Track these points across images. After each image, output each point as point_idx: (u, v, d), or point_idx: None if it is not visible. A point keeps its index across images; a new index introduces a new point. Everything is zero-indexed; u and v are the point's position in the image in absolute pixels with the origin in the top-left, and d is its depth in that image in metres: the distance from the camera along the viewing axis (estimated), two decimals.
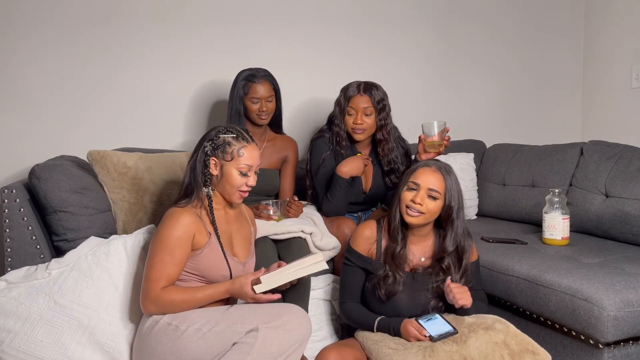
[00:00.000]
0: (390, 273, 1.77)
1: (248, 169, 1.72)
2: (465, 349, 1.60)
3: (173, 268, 1.63)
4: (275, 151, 2.42)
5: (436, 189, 1.73)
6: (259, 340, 1.51)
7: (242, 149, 1.71)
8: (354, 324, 1.85)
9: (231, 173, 1.70)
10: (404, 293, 1.78)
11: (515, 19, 3.45)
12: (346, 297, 1.87)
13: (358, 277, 1.85)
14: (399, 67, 3.19)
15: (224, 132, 1.72)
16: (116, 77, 2.69)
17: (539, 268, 1.95)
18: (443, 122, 2.10)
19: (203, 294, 1.65)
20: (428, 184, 1.73)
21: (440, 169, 1.76)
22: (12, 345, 1.71)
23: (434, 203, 1.73)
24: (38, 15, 2.55)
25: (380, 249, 1.82)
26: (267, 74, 2.34)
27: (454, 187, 1.75)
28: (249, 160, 1.71)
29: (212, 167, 1.72)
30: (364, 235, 1.85)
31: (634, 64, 3.23)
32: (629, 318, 1.70)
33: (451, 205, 1.74)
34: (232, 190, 1.73)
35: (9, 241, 1.90)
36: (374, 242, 1.83)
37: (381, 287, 1.77)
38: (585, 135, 3.55)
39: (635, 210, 2.19)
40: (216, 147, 1.71)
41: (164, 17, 2.74)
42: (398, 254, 1.78)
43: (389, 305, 1.79)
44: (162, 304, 1.62)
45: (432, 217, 1.76)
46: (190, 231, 1.65)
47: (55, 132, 2.61)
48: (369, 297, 1.83)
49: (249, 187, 1.74)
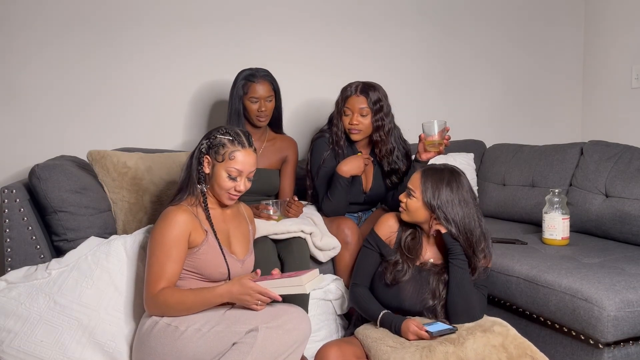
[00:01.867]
0: (401, 260, 1.84)
1: (237, 174, 1.70)
2: (463, 350, 1.61)
3: (171, 267, 1.63)
4: (275, 151, 2.42)
5: (411, 187, 1.83)
6: (258, 340, 1.51)
7: (235, 152, 1.70)
8: (359, 309, 1.90)
9: (220, 174, 1.70)
10: (409, 284, 1.82)
11: (515, 19, 3.45)
12: (358, 279, 1.93)
13: (373, 260, 1.93)
14: (400, 67, 3.19)
15: (222, 132, 1.73)
16: (116, 77, 2.69)
17: (539, 268, 1.95)
18: (443, 122, 2.11)
19: (196, 297, 1.60)
20: (410, 182, 1.86)
21: (425, 170, 1.84)
22: (12, 345, 1.71)
23: (411, 200, 1.83)
24: (38, 15, 2.55)
25: (399, 240, 1.91)
26: (266, 73, 2.34)
27: (435, 189, 1.77)
28: (240, 165, 1.70)
29: (205, 165, 1.72)
30: (389, 223, 1.95)
31: (634, 64, 3.23)
32: (629, 318, 1.70)
33: (430, 202, 1.78)
34: (220, 192, 1.73)
35: (9, 241, 1.90)
36: (394, 232, 1.93)
37: (389, 271, 1.84)
38: (585, 135, 3.55)
39: (635, 210, 2.19)
40: (211, 146, 1.72)
41: (163, 16, 2.74)
42: (408, 242, 1.87)
43: (392, 293, 1.83)
44: (159, 305, 1.62)
45: (413, 214, 1.83)
46: (186, 229, 1.65)
47: (55, 132, 2.61)
48: (377, 280, 1.89)
49: (237, 192, 1.73)
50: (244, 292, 1.57)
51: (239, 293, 1.57)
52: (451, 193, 1.77)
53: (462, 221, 1.76)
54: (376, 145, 2.35)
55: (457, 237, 1.77)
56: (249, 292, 1.56)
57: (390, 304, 1.83)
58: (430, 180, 1.79)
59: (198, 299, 1.61)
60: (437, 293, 1.80)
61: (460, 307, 1.76)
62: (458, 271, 1.77)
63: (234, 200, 1.76)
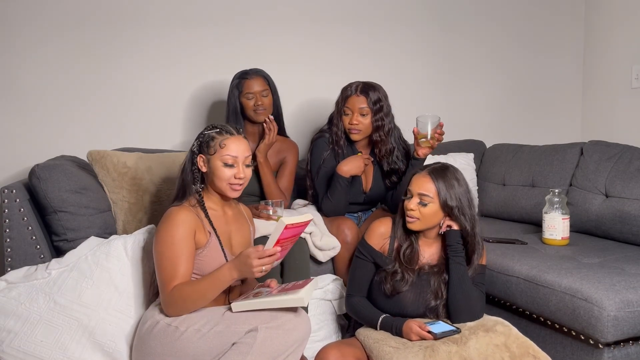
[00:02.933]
0: (400, 270, 1.80)
1: (233, 160, 1.70)
2: (466, 350, 1.61)
3: (183, 266, 1.61)
4: (274, 153, 2.41)
5: (426, 193, 1.76)
6: (258, 340, 1.51)
7: (225, 140, 1.70)
8: (357, 317, 1.88)
9: (217, 166, 1.70)
10: (410, 291, 1.80)
11: (515, 19, 3.45)
12: (354, 290, 1.90)
13: (368, 271, 1.88)
14: (400, 67, 3.19)
15: (209, 129, 1.74)
16: (116, 77, 2.69)
17: (539, 268, 1.95)
18: (437, 117, 2.11)
19: (206, 279, 1.60)
20: (418, 189, 1.78)
21: (431, 172, 1.78)
22: (12, 345, 1.71)
23: (427, 208, 1.76)
24: (38, 14, 2.55)
25: (393, 246, 1.86)
26: (259, 70, 2.38)
27: (449, 188, 1.76)
28: (233, 151, 1.70)
29: (201, 164, 1.73)
30: (379, 231, 1.89)
31: (634, 64, 3.23)
32: (629, 318, 1.70)
33: (448, 204, 1.75)
34: (222, 184, 1.72)
35: (9, 241, 1.90)
36: (387, 239, 1.88)
37: (388, 281, 1.80)
38: (585, 135, 3.55)
39: (635, 210, 2.19)
40: (202, 143, 1.73)
41: (163, 17, 2.74)
42: (407, 253, 1.82)
43: (393, 302, 1.81)
44: (176, 302, 1.60)
45: (429, 221, 1.78)
46: (191, 227, 1.65)
47: (55, 132, 2.61)
48: (375, 291, 1.85)
49: (238, 178, 1.71)
50: (245, 260, 1.55)
51: (242, 263, 1.56)
52: (460, 187, 1.78)
53: (472, 215, 1.78)
54: (376, 145, 2.35)
55: (469, 233, 1.77)
56: (250, 257, 1.55)
57: (391, 312, 1.81)
58: (441, 180, 1.76)
59: (209, 280, 1.60)
60: (439, 293, 1.79)
61: (462, 304, 1.76)
62: (460, 268, 1.77)
63: (238, 191, 1.74)
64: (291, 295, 1.57)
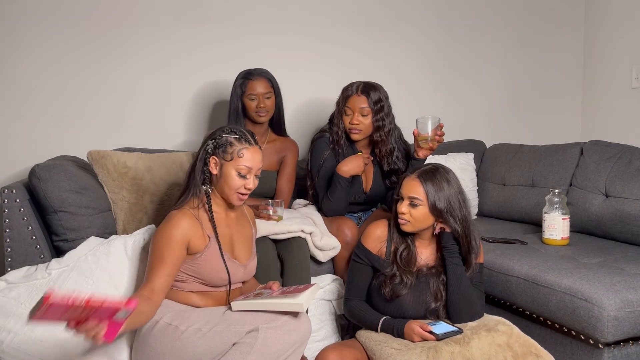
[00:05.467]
0: (398, 273, 1.79)
1: (247, 171, 1.69)
2: (468, 350, 1.61)
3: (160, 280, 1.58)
4: (274, 153, 2.41)
5: (415, 196, 1.76)
6: (259, 341, 1.51)
7: (243, 150, 1.69)
8: (357, 321, 1.86)
9: (230, 173, 1.69)
10: (409, 294, 1.79)
11: (515, 19, 3.45)
12: (352, 294, 1.88)
13: (365, 274, 1.87)
14: (400, 67, 3.19)
15: (227, 132, 1.71)
16: (116, 77, 2.69)
17: (539, 268, 1.95)
18: (437, 118, 2.11)
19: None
20: (408, 192, 1.77)
21: (420, 175, 1.77)
22: (12, 345, 1.71)
23: (417, 210, 1.76)
24: (38, 14, 2.55)
25: (390, 248, 1.85)
26: (264, 71, 2.36)
27: (438, 191, 1.74)
28: (249, 162, 1.69)
29: (212, 166, 1.71)
30: (375, 234, 1.88)
31: (634, 64, 3.23)
32: (629, 318, 1.70)
33: (436, 207, 1.74)
34: (230, 192, 1.71)
35: (9, 241, 1.90)
36: (384, 242, 1.87)
37: (387, 285, 1.79)
38: (585, 135, 3.55)
39: (635, 210, 2.19)
40: (218, 146, 1.70)
41: (164, 16, 2.74)
42: (404, 256, 1.81)
43: (393, 305, 1.80)
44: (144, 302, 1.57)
45: (421, 223, 1.78)
46: (184, 238, 1.64)
47: (55, 132, 2.61)
48: (375, 295, 1.84)
49: (247, 189, 1.71)
50: None
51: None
52: (450, 189, 1.76)
53: (463, 216, 1.77)
54: (376, 145, 2.35)
55: (460, 234, 1.77)
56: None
57: (391, 316, 1.80)
58: (430, 183, 1.75)
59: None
60: (439, 295, 1.79)
61: (462, 304, 1.76)
62: (457, 269, 1.77)
63: (242, 201, 1.74)
64: (290, 299, 1.57)
